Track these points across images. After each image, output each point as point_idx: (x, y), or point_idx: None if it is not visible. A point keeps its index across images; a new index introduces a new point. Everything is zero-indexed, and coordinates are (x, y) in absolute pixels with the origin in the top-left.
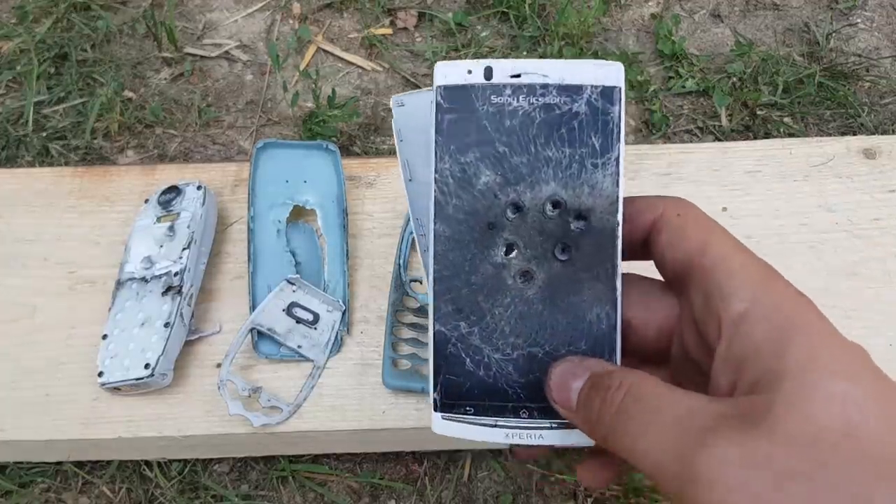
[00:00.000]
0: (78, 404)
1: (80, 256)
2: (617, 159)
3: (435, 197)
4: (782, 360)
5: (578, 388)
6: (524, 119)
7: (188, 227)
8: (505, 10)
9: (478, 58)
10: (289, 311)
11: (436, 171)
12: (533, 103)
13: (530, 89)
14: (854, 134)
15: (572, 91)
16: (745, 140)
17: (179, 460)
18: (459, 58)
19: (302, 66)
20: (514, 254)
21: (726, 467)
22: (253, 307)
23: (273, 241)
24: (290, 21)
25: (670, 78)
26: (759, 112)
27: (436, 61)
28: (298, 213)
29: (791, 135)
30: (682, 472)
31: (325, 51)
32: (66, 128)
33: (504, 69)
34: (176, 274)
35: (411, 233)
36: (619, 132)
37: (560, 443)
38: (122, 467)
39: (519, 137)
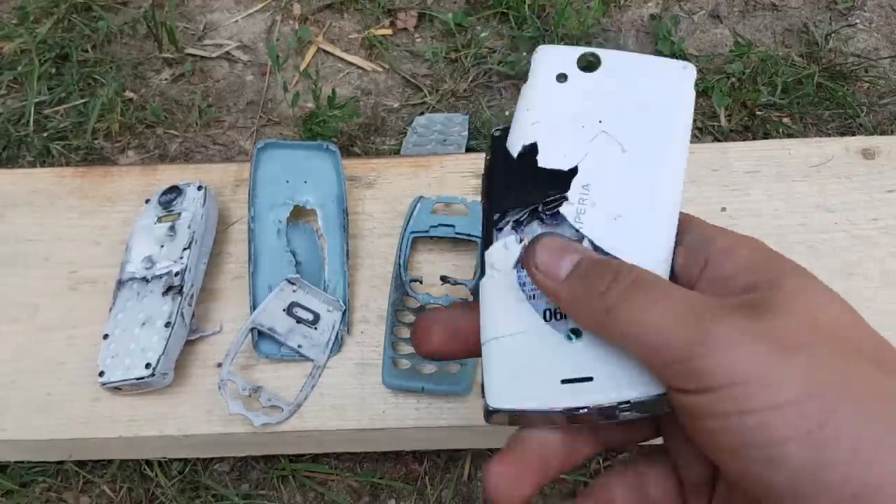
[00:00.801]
0: (79, 404)
1: (81, 256)
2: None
3: None
4: (774, 269)
5: (572, 261)
6: None
7: (189, 227)
8: (504, 10)
9: (477, 58)
10: (289, 310)
11: None
12: None
13: None
14: (853, 134)
15: None
16: (744, 140)
17: (180, 459)
18: (459, 58)
19: (302, 67)
20: None
21: (740, 334)
22: (253, 307)
23: (273, 242)
24: (291, 22)
25: None
26: (758, 112)
27: (435, 62)
28: (299, 214)
29: (790, 135)
30: (694, 336)
31: (325, 51)
32: (67, 128)
33: None
34: (177, 274)
35: (412, 233)
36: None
37: None
38: (123, 466)
39: None
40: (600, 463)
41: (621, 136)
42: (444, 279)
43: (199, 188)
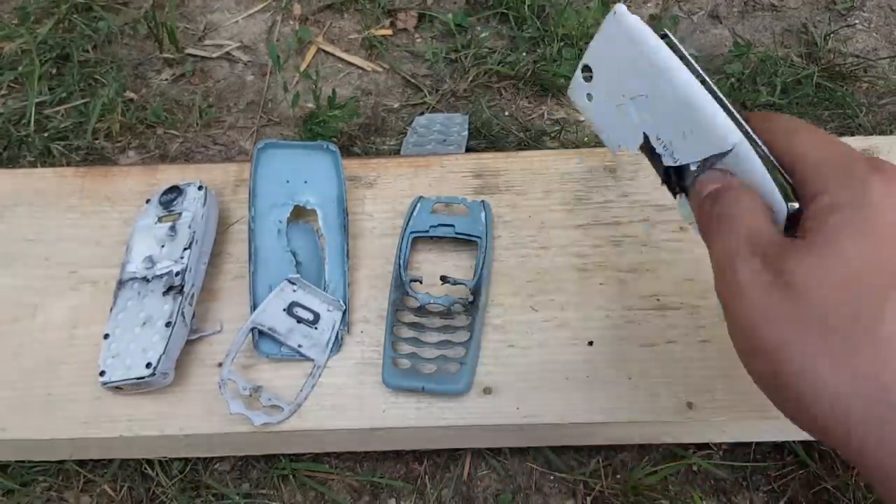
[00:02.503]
0: (79, 404)
1: (81, 256)
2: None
3: None
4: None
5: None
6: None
7: (189, 227)
8: (504, 10)
9: (477, 58)
10: (289, 310)
11: None
12: None
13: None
14: (852, 134)
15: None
16: None
17: (181, 459)
18: (459, 58)
19: (302, 67)
20: None
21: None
22: (254, 307)
23: (274, 241)
24: (291, 22)
25: None
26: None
27: (435, 62)
28: (299, 214)
29: None
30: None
31: (325, 51)
32: (68, 128)
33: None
34: (177, 273)
35: (412, 233)
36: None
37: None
38: (124, 466)
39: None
40: (599, 462)
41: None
42: (444, 279)
43: (200, 188)
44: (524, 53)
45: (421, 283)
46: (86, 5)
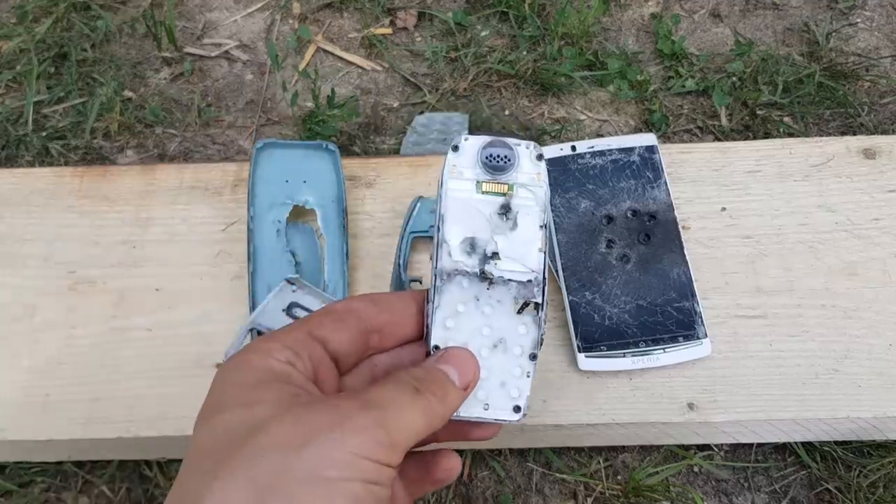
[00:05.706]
0: (78, 404)
1: (79, 256)
2: (665, 182)
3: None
4: None
5: None
6: (602, 168)
7: (540, 206)
8: (504, 9)
9: (477, 57)
10: (289, 311)
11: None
12: (605, 159)
13: (601, 153)
14: (854, 134)
15: (628, 151)
16: (744, 140)
17: (179, 459)
18: (459, 57)
19: (301, 66)
20: (612, 246)
21: None
22: (253, 307)
23: (273, 241)
24: (290, 21)
25: (670, 78)
26: (758, 112)
27: (435, 61)
28: (298, 213)
29: (791, 134)
30: None
31: (324, 50)
32: (66, 127)
33: (583, 145)
34: (529, 282)
35: (411, 233)
36: (662, 167)
37: (672, 361)
38: (122, 467)
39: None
40: (600, 463)
41: None
42: None
43: (539, 156)
44: (524, 52)
45: (421, 283)
46: (84, 4)
